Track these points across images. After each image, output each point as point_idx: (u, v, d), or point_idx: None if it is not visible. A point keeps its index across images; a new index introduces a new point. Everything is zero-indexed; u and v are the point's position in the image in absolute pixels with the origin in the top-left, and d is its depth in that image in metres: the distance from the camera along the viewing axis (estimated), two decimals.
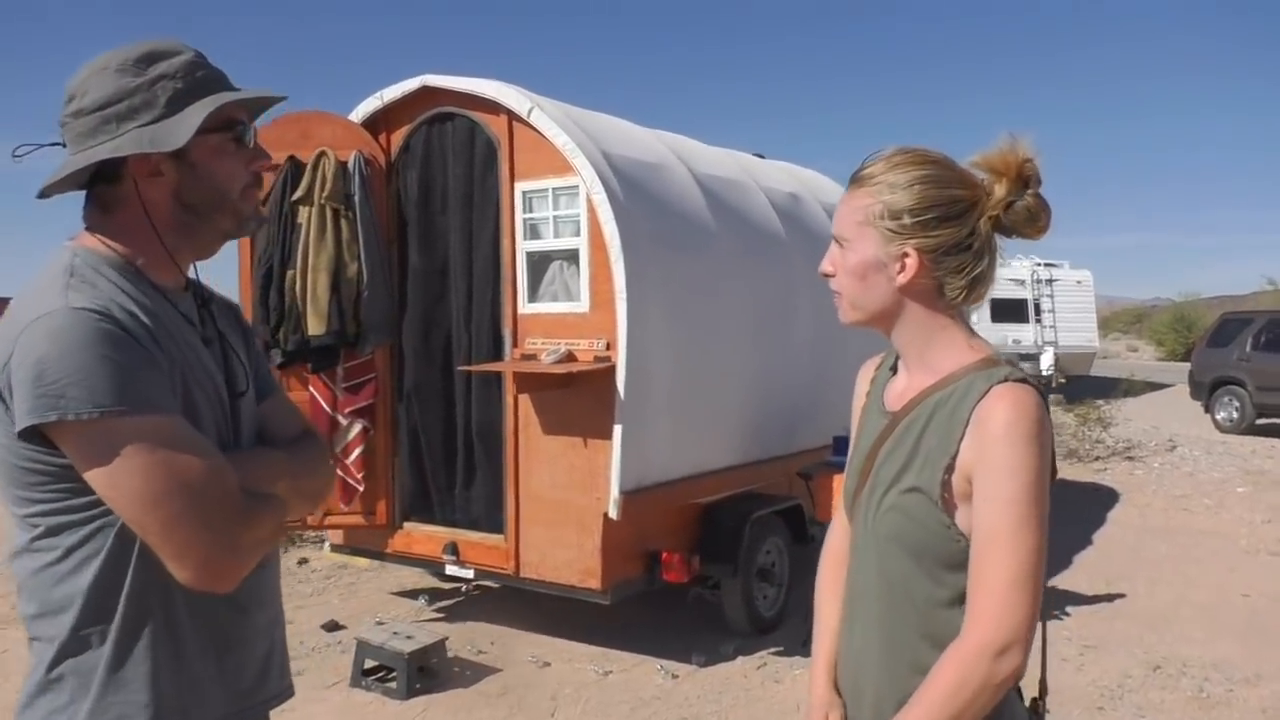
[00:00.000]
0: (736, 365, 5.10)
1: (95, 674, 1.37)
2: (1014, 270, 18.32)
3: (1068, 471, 10.29)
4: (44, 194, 1.46)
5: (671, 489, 4.77)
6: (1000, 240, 1.53)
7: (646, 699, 4.50)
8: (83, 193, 1.50)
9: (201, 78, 1.46)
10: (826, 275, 1.58)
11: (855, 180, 1.53)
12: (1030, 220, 1.48)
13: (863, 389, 1.74)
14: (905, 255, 1.46)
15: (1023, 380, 1.41)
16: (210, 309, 1.61)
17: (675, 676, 4.73)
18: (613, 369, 4.38)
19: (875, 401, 1.65)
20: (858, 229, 1.51)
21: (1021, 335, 17.77)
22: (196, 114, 1.41)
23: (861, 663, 1.57)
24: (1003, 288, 17.95)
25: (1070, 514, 8.30)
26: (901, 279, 1.48)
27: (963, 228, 1.46)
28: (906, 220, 1.46)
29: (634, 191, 4.58)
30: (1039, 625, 1.45)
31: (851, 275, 1.53)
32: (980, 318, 17.83)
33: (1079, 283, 18.55)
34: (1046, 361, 17.34)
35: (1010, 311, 17.77)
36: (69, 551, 1.36)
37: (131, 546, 1.35)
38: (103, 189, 1.45)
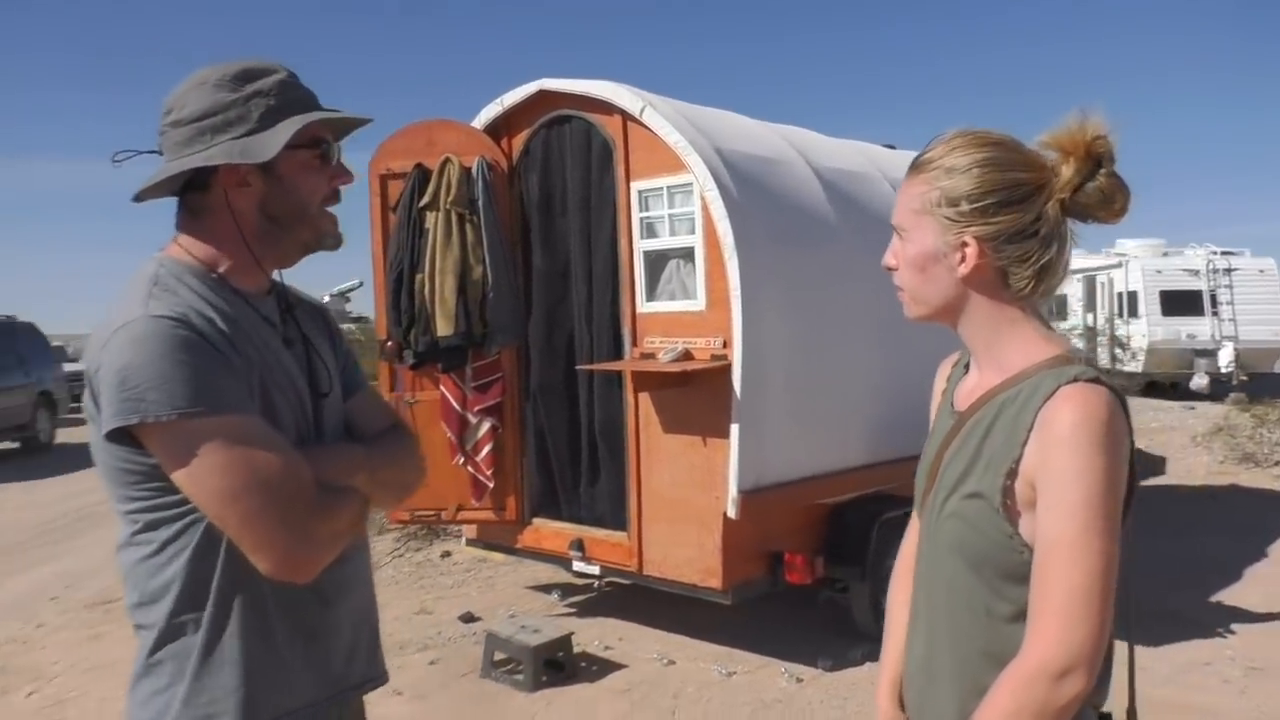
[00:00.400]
0: (861, 363, 4.96)
1: (190, 659, 1.45)
2: (1187, 259, 17.14)
3: (1243, 477, 9.55)
4: (139, 198, 1.55)
5: (794, 489, 4.68)
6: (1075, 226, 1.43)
7: (769, 702, 4.44)
8: (171, 202, 1.59)
9: (293, 96, 1.53)
10: (890, 269, 1.52)
11: (914, 166, 1.46)
12: (1104, 202, 1.38)
13: (939, 387, 1.66)
14: (964, 244, 1.38)
15: (1095, 380, 1.31)
16: (294, 313, 1.67)
17: (800, 680, 4.65)
18: (729, 367, 4.34)
19: (947, 400, 1.57)
20: (915, 218, 1.44)
21: (1197, 329, 16.60)
22: (286, 130, 1.48)
23: (923, 678, 1.50)
24: (1174, 279, 16.83)
25: (1244, 523, 7.69)
26: (962, 269, 1.39)
27: (1026, 213, 1.37)
28: (964, 206, 1.38)
29: (749, 188, 4.52)
30: (1124, 645, 1.34)
31: (911, 267, 1.45)
32: (1150, 310, 16.79)
33: (1262, 272, 17.14)
34: (1225, 357, 16.14)
35: (1184, 304, 16.63)
36: (164, 545, 1.44)
37: (219, 540, 1.42)
38: (193, 196, 1.54)
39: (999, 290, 1.41)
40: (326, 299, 25.37)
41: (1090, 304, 18.55)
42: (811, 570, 4.68)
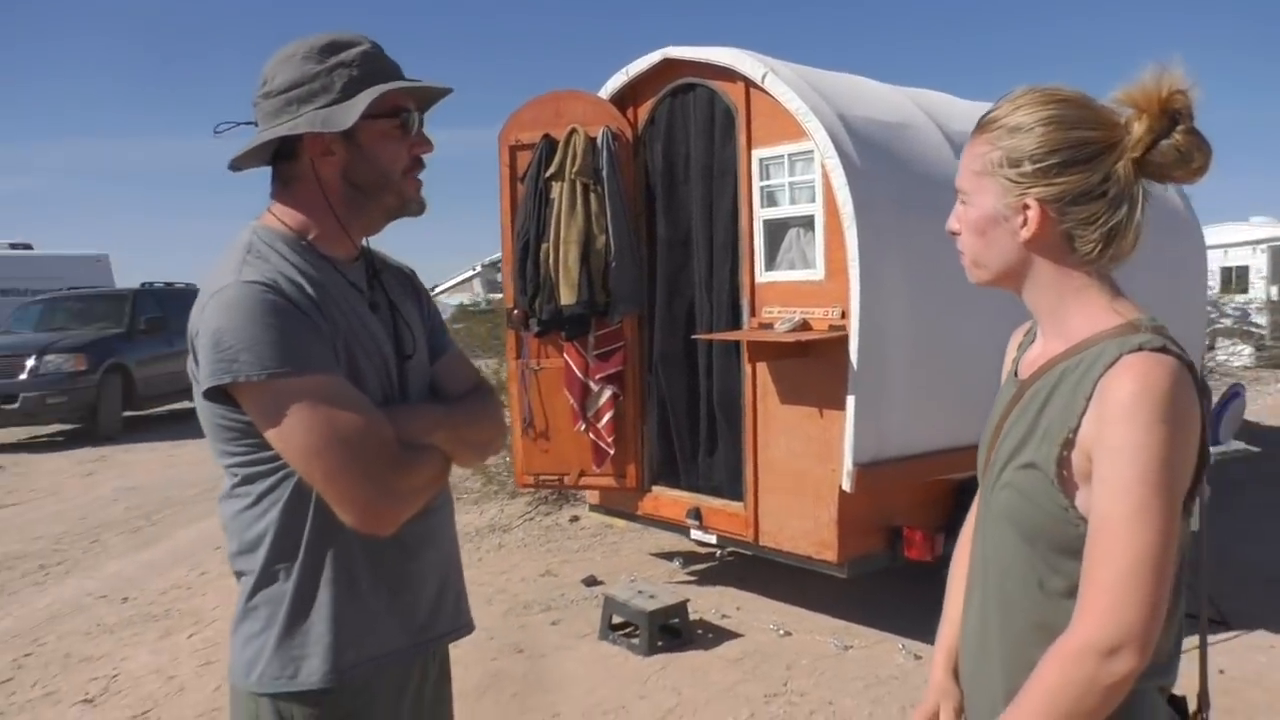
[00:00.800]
0: (986, 336, 4.74)
1: (283, 605, 1.55)
2: None
3: None
4: (233, 166, 1.65)
5: (914, 463, 4.55)
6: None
7: (883, 678, 4.37)
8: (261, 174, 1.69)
9: (374, 67, 1.59)
10: (953, 234, 1.48)
11: (978, 126, 1.42)
12: (1181, 161, 1.30)
13: (1009, 356, 1.62)
14: (1026, 206, 1.34)
15: (1162, 349, 1.24)
16: (380, 278, 1.74)
17: (918, 657, 4.55)
18: (846, 338, 4.26)
19: (1013, 369, 1.53)
20: (976, 180, 1.40)
21: None
22: (363, 100, 1.54)
23: (976, 650, 1.47)
24: None
25: None
26: (1024, 233, 1.35)
27: (1093, 173, 1.31)
28: (1026, 167, 1.33)
29: (872, 154, 4.40)
30: (1197, 632, 1.27)
31: (972, 231, 1.43)
32: None
33: None
34: None
35: None
36: (260, 497, 1.54)
37: (309, 494, 1.51)
38: (283, 165, 1.63)
39: (1064, 255, 1.35)
40: (478, 269, 26.09)
41: (1276, 275, 17.21)
42: (932, 547, 4.56)
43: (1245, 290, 17.32)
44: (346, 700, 1.57)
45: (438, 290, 31.20)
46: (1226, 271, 17.62)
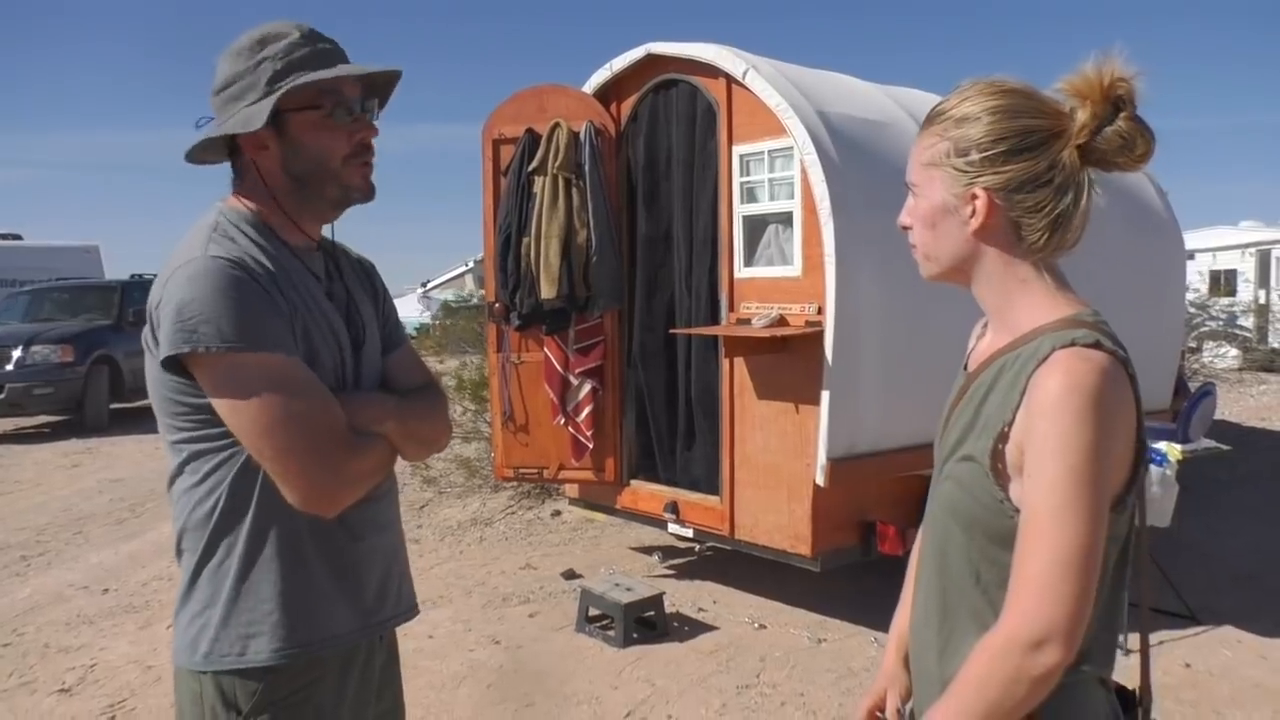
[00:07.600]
0: (960, 333, 4.80)
1: (227, 582, 1.56)
2: None
3: None
4: (191, 160, 1.68)
5: (888, 458, 4.59)
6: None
7: (855, 670, 4.41)
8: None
9: (298, 58, 1.58)
10: (904, 228, 1.50)
11: (926, 119, 1.44)
12: (1125, 148, 1.31)
13: (968, 349, 1.64)
14: (974, 196, 1.35)
15: (1095, 345, 1.26)
16: (339, 268, 1.76)
17: None
18: (821, 334, 4.29)
19: (965, 361, 1.56)
20: (925, 172, 1.41)
21: None
22: (272, 99, 1.54)
23: (921, 638, 1.50)
24: None
25: None
26: (974, 223, 1.36)
27: (1039, 161, 1.32)
28: (974, 156, 1.34)
29: (851, 151, 4.43)
30: (1137, 628, 1.28)
31: (923, 223, 1.43)
32: None
33: None
34: None
35: None
36: (206, 475, 1.55)
37: (257, 474, 1.52)
38: (236, 159, 1.66)
39: (1012, 245, 1.37)
40: (470, 265, 26.10)
41: (1264, 280, 17.29)
42: (904, 541, 4.59)
43: (1233, 293, 17.40)
44: (291, 680, 1.57)
45: (430, 285, 31.23)
46: (1215, 275, 17.71)
